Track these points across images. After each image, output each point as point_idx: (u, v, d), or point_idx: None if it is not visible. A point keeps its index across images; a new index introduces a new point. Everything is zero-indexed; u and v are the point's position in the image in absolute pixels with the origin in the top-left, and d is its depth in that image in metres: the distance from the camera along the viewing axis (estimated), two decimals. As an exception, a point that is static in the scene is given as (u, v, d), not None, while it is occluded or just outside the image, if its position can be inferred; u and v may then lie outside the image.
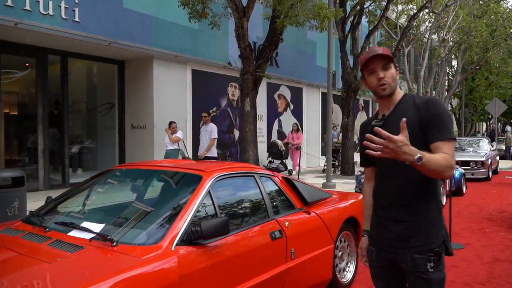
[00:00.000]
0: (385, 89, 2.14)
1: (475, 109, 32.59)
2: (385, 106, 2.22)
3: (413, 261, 2.09)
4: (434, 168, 1.90)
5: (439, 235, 2.11)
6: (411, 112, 2.10)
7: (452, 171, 1.98)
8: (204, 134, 9.82)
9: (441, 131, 2.03)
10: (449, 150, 1.99)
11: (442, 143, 2.01)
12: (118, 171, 3.94)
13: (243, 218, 3.34)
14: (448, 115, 2.09)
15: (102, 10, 9.71)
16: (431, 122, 2.05)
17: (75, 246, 2.49)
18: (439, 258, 2.09)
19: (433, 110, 2.07)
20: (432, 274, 2.07)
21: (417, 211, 2.10)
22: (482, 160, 13.70)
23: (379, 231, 2.23)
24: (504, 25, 23.65)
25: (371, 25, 16.97)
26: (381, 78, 2.13)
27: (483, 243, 6.19)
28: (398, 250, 2.14)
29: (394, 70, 2.15)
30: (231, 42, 12.39)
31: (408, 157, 1.82)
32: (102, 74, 12.46)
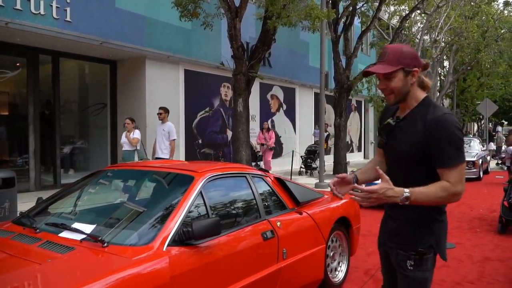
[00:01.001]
0: (389, 99, 2.15)
1: (466, 109, 32.83)
2: (402, 108, 2.20)
3: (397, 256, 2.16)
4: (429, 201, 1.96)
5: (424, 240, 2.11)
6: (419, 125, 2.07)
7: (456, 197, 1.98)
8: (160, 134, 8.49)
9: (447, 159, 1.99)
10: (453, 177, 1.96)
11: (446, 170, 1.99)
12: (110, 172, 3.93)
13: (235, 218, 3.35)
14: (458, 138, 2.00)
15: (94, 10, 9.66)
16: (436, 147, 2.01)
17: (66, 247, 2.48)
18: (421, 258, 2.09)
19: (440, 134, 2.00)
20: (411, 272, 2.09)
21: (411, 213, 2.12)
22: (473, 160, 13.79)
23: (381, 225, 2.37)
24: (495, 26, 23.84)
25: (363, 25, 17.03)
26: (381, 89, 2.15)
27: (474, 242, 6.25)
28: (390, 245, 2.23)
29: (399, 79, 2.08)
30: (223, 42, 12.39)
31: (395, 199, 1.91)
32: (94, 74, 12.40)
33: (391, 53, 2.08)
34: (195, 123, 12.74)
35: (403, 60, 2.06)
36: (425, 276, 2.11)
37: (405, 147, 2.09)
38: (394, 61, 2.06)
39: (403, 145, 2.11)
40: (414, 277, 2.10)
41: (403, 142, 2.11)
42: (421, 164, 2.07)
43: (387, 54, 2.09)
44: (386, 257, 2.33)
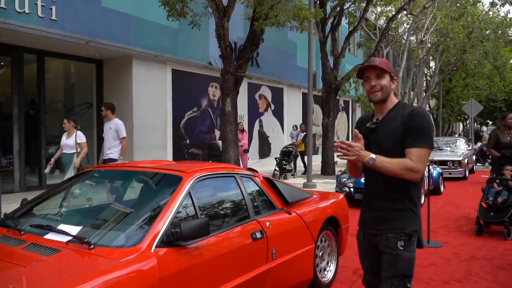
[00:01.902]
0: (376, 95, 2.46)
1: (452, 109, 33.19)
2: (379, 111, 2.54)
3: (387, 240, 2.41)
4: (390, 168, 2.28)
5: (412, 225, 2.42)
6: (398, 120, 2.41)
7: (413, 174, 2.29)
8: (108, 132, 7.60)
9: (414, 140, 2.32)
10: (416, 156, 2.29)
11: (412, 150, 2.31)
12: (96, 172, 3.87)
13: (224, 219, 3.32)
14: (427, 126, 2.36)
15: (80, 9, 9.55)
16: (409, 131, 2.35)
17: (52, 249, 2.43)
18: (410, 239, 2.39)
19: (413, 120, 2.36)
20: (402, 251, 2.37)
21: (393, 201, 2.43)
22: (459, 159, 13.93)
23: (365, 217, 2.59)
24: (481, 27, 24.13)
25: (350, 26, 17.12)
26: (373, 85, 2.45)
27: (461, 241, 6.29)
28: (376, 232, 2.47)
29: (387, 80, 2.45)
30: (211, 42, 12.35)
31: (364, 159, 2.25)
32: (80, 73, 12.27)
33: (380, 60, 2.46)
34: (182, 123, 12.67)
35: (389, 67, 2.47)
36: (412, 255, 2.40)
37: (388, 141, 2.41)
38: (384, 66, 2.45)
39: (386, 140, 2.42)
40: (404, 256, 2.37)
41: (385, 138, 2.42)
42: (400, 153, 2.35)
43: (377, 61, 2.45)
44: (370, 247, 2.56)
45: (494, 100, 34.57)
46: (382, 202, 2.47)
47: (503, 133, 7.13)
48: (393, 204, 2.43)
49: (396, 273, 2.37)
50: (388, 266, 2.40)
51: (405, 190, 2.42)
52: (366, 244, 2.60)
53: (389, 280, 2.39)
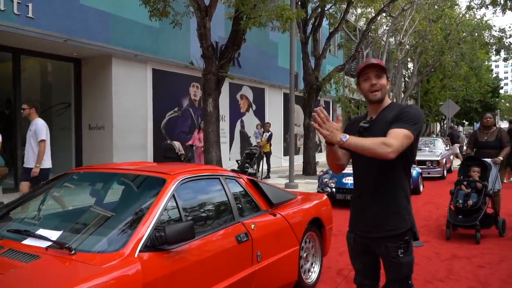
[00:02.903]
0: (376, 94, 2.47)
1: (430, 110, 33.77)
2: (373, 110, 2.55)
3: (386, 249, 2.45)
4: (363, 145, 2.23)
5: (407, 222, 2.46)
6: (391, 116, 2.43)
7: (385, 147, 2.21)
8: (28, 135, 6.56)
9: (397, 123, 2.34)
10: (394, 134, 2.28)
11: (392, 130, 2.31)
12: (75, 175, 3.76)
13: (209, 221, 3.27)
14: (415, 115, 2.38)
15: (58, 6, 9.34)
16: (397, 118, 2.38)
17: (30, 255, 2.35)
18: (408, 245, 2.46)
19: (404, 110, 2.42)
20: (402, 258, 2.44)
21: (385, 201, 2.45)
22: (437, 159, 14.14)
23: (356, 219, 2.61)
24: (458, 29, 24.61)
25: (331, 27, 17.23)
26: (373, 84, 2.46)
27: (441, 240, 6.37)
28: (371, 237, 2.50)
29: (385, 80, 2.48)
30: (193, 42, 12.25)
31: (335, 136, 2.19)
32: (57, 72, 12.01)
33: (377, 61, 2.51)
34: (163, 123, 12.53)
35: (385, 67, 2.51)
36: (412, 258, 2.50)
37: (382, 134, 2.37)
38: (383, 64, 2.50)
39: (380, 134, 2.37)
40: (405, 261, 2.46)
41: (380, 134, 2.38)
42: None
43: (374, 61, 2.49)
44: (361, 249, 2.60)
45: (470, 101, 35.36)
46: (374, 202, 2.48)
47: (482, 133, 7.18)
48: (386, 203, 2.45)
49: (399, 277, 2.50)
50: (391, 271, 2.51)
51: (399, 186, 2.46)
52: (357, 246, 2.62)
53: (393, 282, 2.53)
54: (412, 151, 2.43)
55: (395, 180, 2.44)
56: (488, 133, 7.08)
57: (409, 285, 2.51)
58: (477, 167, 6.65)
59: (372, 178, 2.47)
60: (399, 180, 2.45)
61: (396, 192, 2.45)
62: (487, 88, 37.39)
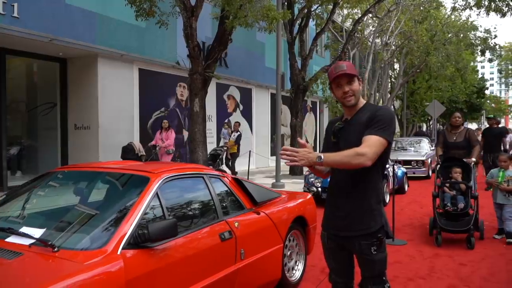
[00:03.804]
0: (350, 100, 2.52)
1: (416, 110, 34.04)
2: (348, 112, 2.61)
3: (360, 246, 2.51)
4: (339, 161, 2.33)
5: (378, 222, 2.51)
6: (365, 118, 2.49)
7: (359, 157, 2.30)
8: None
9: (370, 129, 2.40)
10: (369, 141, 2.35)
11: (368, 137, 2.38)
12: (60, 173, 3.77)
13: (192, 219, 3.30)
14: (387, 119, 2.44)
15: (43, 6, 9.29)
16: (371, 122, 2.44)
17: (13, 252, 2.36)
18: (381, 242, 2.52)
19: (377, 114, 2.46)
20: (376, 255, 2.51)
21: (357, 201, 2.50)
22: (422, 159, 14.30)
23: (329, 219, 2.66)
24: (443, 30, 24.83)
25: (318, 28, 17.33)
26: (346, 91, 2.50)
27: (424, 239, 6.45)
28: (345, 236, 2.56)
29: (357, 84, 2.53)
30: (179, 42, 12.25)
31: (312, 159, 2.27)
32: (43, 72, 11.93)
33: (347, 65, 2.52)
34: (150, 123, 12.51)
35: (356, 71, 2.53)
36: (384, 254, 2.56)
37: (356, 135, 2.46)
38: (353, 70, 2.51)
39: (354, 135, 2.48)
40: (378, 258, 2.52)
41: (353, 134, 2.50)
42: None
43: (345, 66, 2.50)
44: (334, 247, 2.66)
45: (456, 101, 35.69)
46: (347, 201, 2.53)
47: (450, 133, 6.87)
48: (358, 202, 2.50)
49: (374, 273, 2.57)
50: (366, 268, 2.58)
51: (370, 188, 2.51)
52: (331, 245, 2.68)
53: (368, 279, 2.60)
54: (386, 153, 2.48)
55: (368, 181, 2.49)
56: (456, 133, 6.79)
57: (384, 281, 2.58)
58: (458, 168, 6.33)
59: (345, 179, 2.52)
60: (372, 181, 2.51)
61: (368, 192, 2.50)
62: (472, 89, 37.81)
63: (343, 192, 2.56)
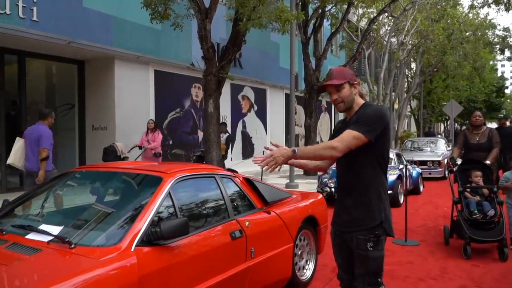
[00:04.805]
0: (339, 107, 2.66)
1: (433, 110, 33.67)
2: (349, 113, 2.73)
3: (357, 241, 2.58)
4: (312, 153, 2.48)
5: (376, 218, 2.56)
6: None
7: (331, 150, 2.45)
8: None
9: (354, 124, 2.52)
10: (342, 136, 2.48)
11: (345, 131, 2.50)
12: (78, 173, 3.90)
13: (204, 218, 3.38)
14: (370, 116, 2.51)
15: (61, 9, 9.51)
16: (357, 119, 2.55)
17: (33, 248, 2.48)
18: (378, 239, 2.55)
19: (363, 112, 2.57)
20: (371, 252, 2.54)
21: (359, 199, 2.60)
22: (439, 159, 14.17)
23: (336, 217, 2.77)
24: (460, 29, 24.48)
25: (333, 27, 17.30)
26: (335, 99, 2.65)
27: (437, 239, 6.42)
28: (346, 231, 2.65)
29: (347, 89, 2.61)
30: (194, 43, 12.38)
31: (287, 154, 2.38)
32: (61, 74, 12.18)
33: (337, 72, 2.63)
34: (165, 123, 12.68)
35: (346, 76, 2.61)
36: (381, 254, 2.58)
37: None
38: (341, 77, 2.61)
39: None
40: (373, 255, 2.54)
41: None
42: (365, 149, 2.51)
43: (334, 74, 2.62)
44: (341, 244, 2.74)
45: (474, 101, 35.21)
46: (349, 198, 2.65)
47: (472, 133, 6.50)
48: (357, 198, 2.60)
49: (367, 271, 2.58)
50: (360, 264, 2.60)
51: (372, 186, 2.59)
52: (337, 241, 2.78)
53: (362, 277, 2.61)
54: (384, 148, 2.58)
55: (366, 177, 2.58)
56: (478, 133, 6.42)
57: (379, 282, 2.58)
58: (478, 171, 5.87)
59: (346, 177, 2.67)
60: (374, 178, 2.59)
61: (367, 189, 2.58)
62: (491, 88, 37.24)
63: (345, 190, 2.68)
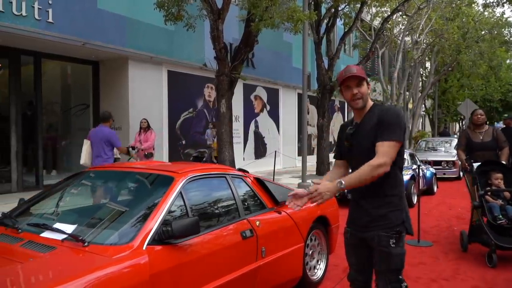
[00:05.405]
0: (358, 103, 2.61)
1: (448, 109, 33.29)
2: (358, 115, 2.69)
3: (379, 238, 2.56)
4: (360, 180, 2.43)
5: (399, 218, 2.58)
6: (373, 120, 2.57)
7: (380, 168, 2.42)
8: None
9: (381, 134, 2.49)
10: (382, 150, 2.46)
11: (378, 144, 2.48)
12: (92, 173, 3.97)
13: (215, 218, 3.42)
14: (396, 121, 2.51)
15: (76, 11, 9.64)
16: (379, 127, 2.52)
17: (47, 246, 2.54)
18: (400, 236, 2.56)
19: (383, 117, 2.54)
20: (393, 249, 2.53)
21: (381, 200, 2.59)
22: (453, 160, 14.03)
23: (354, 218, 2.74)
24: (476, 27, 24.17)
25: (346, 27, 17.22)
26: (355, 93, 2.59)
27: (450, 240, 6.39)
28: (367, 230, 2.62)
29: (366, 87, 2.60)
30: (206, 44, 12.44)
31: (333, 191, 2.40)
32: (76, 74, 12.35)
33: (356, 68, 2.60)
34: (178, 123, 12.77)
35: (365, 75, 2.61)
36: (403, 251, 2.58)
37: (368, 139, 2.56)
38: (362, 73, 2.58)
39: (366, 139, 2.57)
40: (396, 252, 2.54)
41: (364, 138, 2.58)
42: None
43: (355, 69, 2.58)
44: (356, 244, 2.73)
45: (490, 100, 34.74)
46: (368, 199, 2.62)
47: (474, 132, 6.25)
48: (378, 198, 2.59)
49: (389, 268, 2.56)
50: (382, 262, 2.59)
51: (393, 186, 2.59)
52: (353, 241, 2.75)
53: (383, 274, 2.59)
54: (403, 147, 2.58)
55: (389, 178, 2.55)
56: (481, 132, 6.20)
57: (400, 280, 2.57)
58: (499, 173, 5.60)
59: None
60: (394, 177, 2.59)
61: (390, 189, 2.58)
62: (508, 87, 36.69)
63: (363, 191, 2.63)
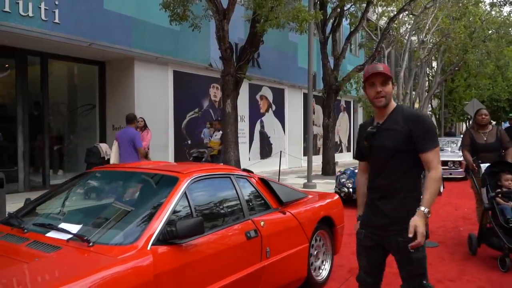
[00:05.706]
0: (381, 101, 2.59)
1: (454, 109, 33.10)
2: (380, 115, 2.68)
3: (397, 244, 2.54)
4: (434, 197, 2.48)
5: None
6: (400, 124, 2.57)
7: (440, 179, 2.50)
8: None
9: (426, 144, 2.51)
10: (433, 158, 2.50)
11: (427, 155, 2.51)
12: (98, 173, 3.99)
13: (219, 218, 3.42)
14: (432, 128, 2.57)
15: (82, 11, 9.69)
16: (420, 135, 2.52)
17: (53, 246, 2.55)
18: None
19: (422, 125, 2.54)
20: (413, 254, 2.50)
21: (401, 201, 2.57)
22: (460, 160, 13.94)
23: (370, 219, 2.70)
24: (483, 27, 24.03)
25: (352, 26, 17.18)
26: (379, 91, 2.57)
27: (456, 241, 6.35)
28: (384, 234, 2.60)
29: (391, 86, 2.59)
30: (212, 44, 12.46)
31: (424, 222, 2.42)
32: (82, 75, 12.41)
33: (384, 67, 2.59)
34: (184, 124, 12.80)
35: (391, 74, 2.60)
36: (423, 254, 2.56)
37: (391, 142, 2.56)
38: (388, 71, 2.58)
39: (389, 141, 2.57)
40: (417, 257, 2.51)
41: (388, 139, 2.58)
42: (403, 153, 2.55)
43: (381, 67, 2.57)
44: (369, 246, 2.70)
45: (497, 100, 34.48)
46: (387, 200, 2.60)
47: (478, 133, 6.09)
48: (402, 205, 2.56)
49: (412, 273, 2.55)
50: (403, 267, 2.59)
51: (413, 188, 2.59)
52: (367, 243, 2.71)
53: (407, 280, 2.59)
54: None
55: (411, 180, 2.58)
56: (485, 132, 6.03)
57: (423, 284, 2.54)
58: (509, 174, 5.47)
59: (385, 181, 2.62)
60: (414, 181, 2.60)
61: (409, 192, 2.57)
62: (515, 87, 36.43)
63: (383, 193, 2.62)
